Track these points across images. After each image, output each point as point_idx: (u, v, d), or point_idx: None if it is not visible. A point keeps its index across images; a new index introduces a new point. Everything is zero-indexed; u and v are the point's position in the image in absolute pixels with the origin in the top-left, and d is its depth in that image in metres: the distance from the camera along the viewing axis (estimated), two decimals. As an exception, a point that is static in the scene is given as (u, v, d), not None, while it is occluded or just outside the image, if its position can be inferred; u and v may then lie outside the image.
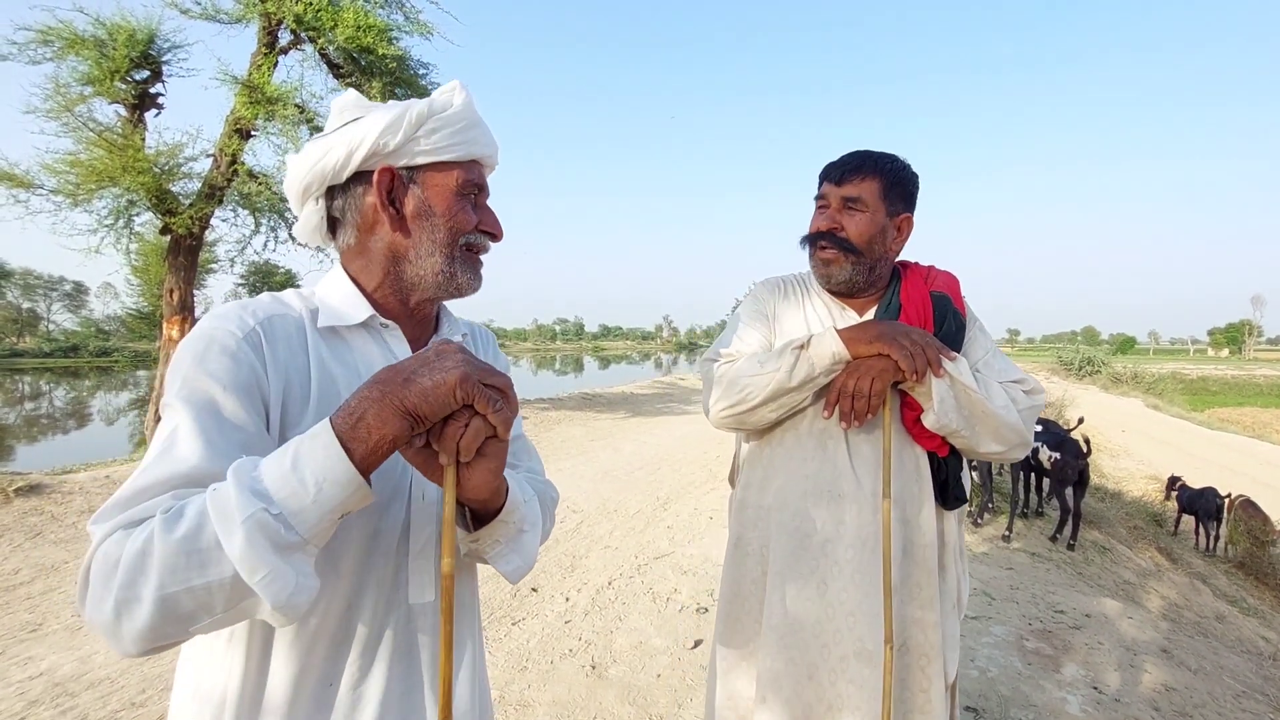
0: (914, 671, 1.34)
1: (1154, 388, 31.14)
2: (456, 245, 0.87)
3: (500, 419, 0.67)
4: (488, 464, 0.70)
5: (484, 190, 0.93)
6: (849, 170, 1.39)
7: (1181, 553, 7.52)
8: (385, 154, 0.85)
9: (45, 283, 55.59)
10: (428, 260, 0.86)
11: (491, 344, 1.07)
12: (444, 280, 0.88)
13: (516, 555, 0.85)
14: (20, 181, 8.42)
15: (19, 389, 27.53)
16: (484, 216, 0.91)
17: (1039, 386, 1.39)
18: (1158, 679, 3.11)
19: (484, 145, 0.91)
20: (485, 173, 0.94)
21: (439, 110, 0.86)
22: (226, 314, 0.78)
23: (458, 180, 0.88)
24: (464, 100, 0.88)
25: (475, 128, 0.89)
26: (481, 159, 0.91)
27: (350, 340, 0.85)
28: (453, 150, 0.86)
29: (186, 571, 0.59)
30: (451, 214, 0.87)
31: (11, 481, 5.19)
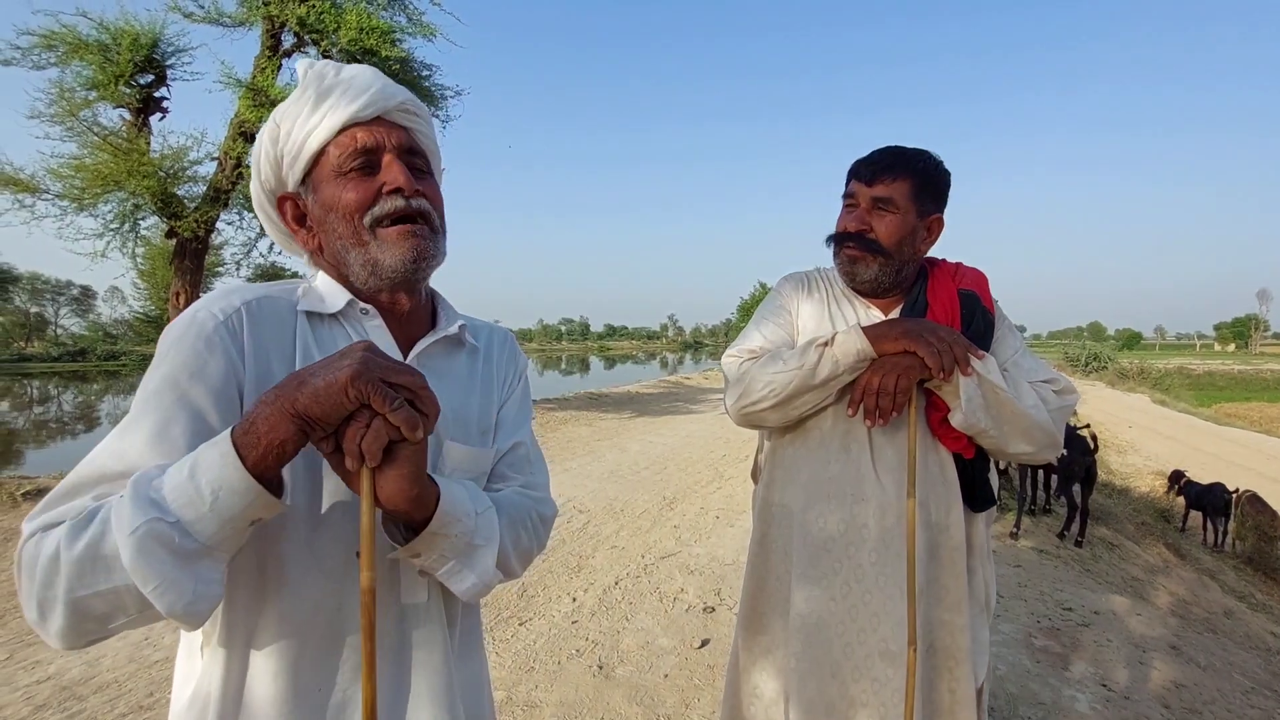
0: (941, 674, 1.33)
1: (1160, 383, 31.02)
2: (361, 229, 0.79)
3: (402, 418, 0.62)
4: (399, 470, 0.65)
5: (376, 149, 0.80)
6: (880, 169, 1.34)
7: (1190, 548, 7.49)
8: (275, 187, 0.84)
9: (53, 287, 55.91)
10: (347, 257, 0.81)
11: (508, 346, 1.01)
12: (373, 270, 0.81)
13: (469, 573, 0.78)
14: (26, 186, 8.46)
15: (27, 393, 27.68)
16: (383, 177, 0.80)
17: (1070, 386, 1.36)
18: (1167, 676, 3.09)
19: (345, 106, 0.79)
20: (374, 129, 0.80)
21: (280, 118, 0.82)
22: (218, 295, 0.77)
23: (333, 162, 0.80)
24: (305, 81, 0.81)
25: (326, 97, 0.80)
26: (353, 119, 0.79)
27: (334, 327, 0.82)
28: (314, 139, 0.79)
29: (92, 578, 0.59)
30: (335, 202, 0.79)
31: (19, 485, 5.23)
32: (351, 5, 8.74)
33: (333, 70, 0.82)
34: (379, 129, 0.80)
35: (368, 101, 0.80)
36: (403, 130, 0.83)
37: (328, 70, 0.82)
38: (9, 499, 5.01)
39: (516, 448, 0.96)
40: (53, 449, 13.30)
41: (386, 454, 0.64)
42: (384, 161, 0.80)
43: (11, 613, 3.37)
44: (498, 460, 0.94)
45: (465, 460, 0.87)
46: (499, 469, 0.94)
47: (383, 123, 0.81)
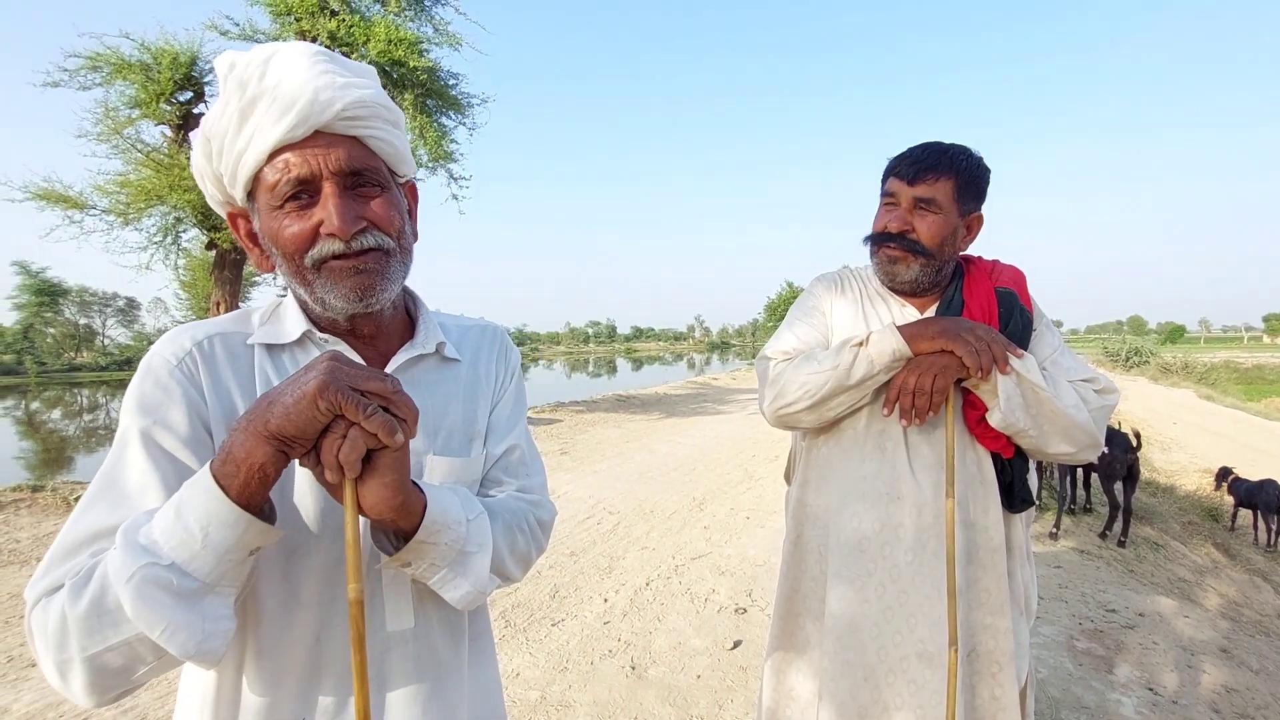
0: (984, 678, 1.30)
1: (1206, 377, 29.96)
2: (304, 269, 0.72)
3: (378, 424, 0.59)
4: (381, 478, 0.63)
5: (313, 178, 0.70)
6: (923, 169, 1.31)
7: (1240, 548, 7.22)
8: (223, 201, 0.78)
9: (100, 299, 57.90)
10: (299, 291, 0.76)
11: (496, 349, 0.96)
12: (323, 306, 0.76)
13: (462, 580, 0.76)
14: (75, 203, 8.82)
15: (78, 402, 28.75)
16: (321, 214, 0.70)
17: (1111, 386, 1.33)
18: (1217, 680, 2.99)
19: (272, 125, 0.68)
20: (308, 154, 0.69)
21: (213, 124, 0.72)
22: (169, 338, 0.75)
23: (267, 193, 0.71)
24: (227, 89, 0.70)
25: (251, 110, 0.68)
26: (281, 141, 0.68)
27: (299, 357, 0.79)
28: (246, 162, 0.70)
29: (101, 633, 0.59)
30: (275, 238, 0.72)
31: (72, 491, 5.44)
32: (380, 18, 8.93)
33: (256, 74, 0.69)
34: (314, 151, 0.69)
35: (298, 119, 0.68)
36: (347, 143, 0.72)
37: (250, 74, 0.69)
38: (62, 504, 5.22)
39: (510, 451, 0.93)
40: (102, 455, 13.77)
41: (367, 463, 0.62)
42: (323, 193, 0.70)
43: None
44: (492, 465, 0.91)
45: (451, 473, 0.84)
46: (493, 474, 0.91)
47: (320, 138, 0.70)
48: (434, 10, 9.74)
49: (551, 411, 12.86)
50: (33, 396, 31.11)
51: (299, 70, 0.69)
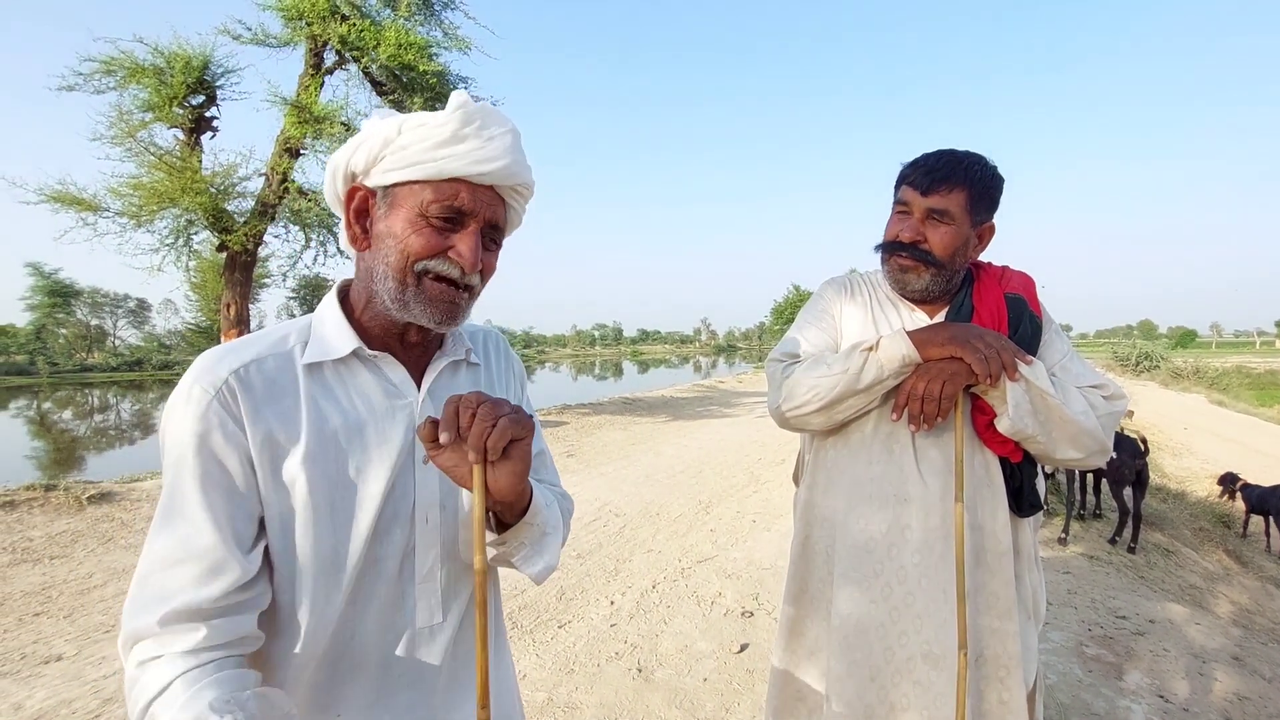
0: (992, 683, 1.30)
1: (1218, 383, 29.67)
2: (409, 270, 0.79)
3: (518, 419, 0.70)
4: (513, 466, 0.72)
5: (468, 214, 0.80)
6: (937, 179, 1.30)
7: (1252, 555, 7.15)
8: (359, 173, 0.83)
9: (111, 300, 58.36)
10: (384, 284, 0.81)
11: (501, 349, 1.03)
12: (399, 308, 0.81)
13: (541, 557, 0.85)
14: (89, 205, 8.92)
15: (89, 402, 29.00)
16: (457, 243, 0.80)
17: (1120, 392, 1.33)
18: (1229, 688, 2.97)
19: (465, 162, 0.79)
20: (478, 193, 0.81)
21: (416, 126, 0.79)
22: (203, 369, 0.76)
23: (424, 201, 0.78)
24: (450, 114, 0.79)
25: (455, 143, 0.79)
26: (466, 177, 0.79)
27: (343, 373, 0.82)
28: (418, 169, 0.78)
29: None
30: (404, 237, 0.79)
31: (84, 490, 5.49)
32: (390, 22, 8.99)
33: (479, 119, 0.80)
34: (483, 196, 0.81)
35: (491, 171, 0.80)
36: (502, 205, 0.84)
37: (476, 116, 0.80)
38: (75, 503, 5.27)
39: (537, 455, 1.00)
40: (113, 455, 13.90)
41: (503, 451, 0.70)
42: (467, 228, 0.81)
43: (79, 610, 3.54)
44: None
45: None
46: None
47: (489, 192, 0.82)
48: (444, 15, 9.81)
49: (558, 414, 12.88)
50: (45, 396, 31.42)
51: (509, 139, 0.82)
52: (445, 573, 0.86)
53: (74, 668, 2.94)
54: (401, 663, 0.82)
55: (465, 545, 0.87)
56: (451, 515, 0.86)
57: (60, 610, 3.55)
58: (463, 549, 0.87)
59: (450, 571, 0.86)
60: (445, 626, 0.85)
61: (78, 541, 4.65)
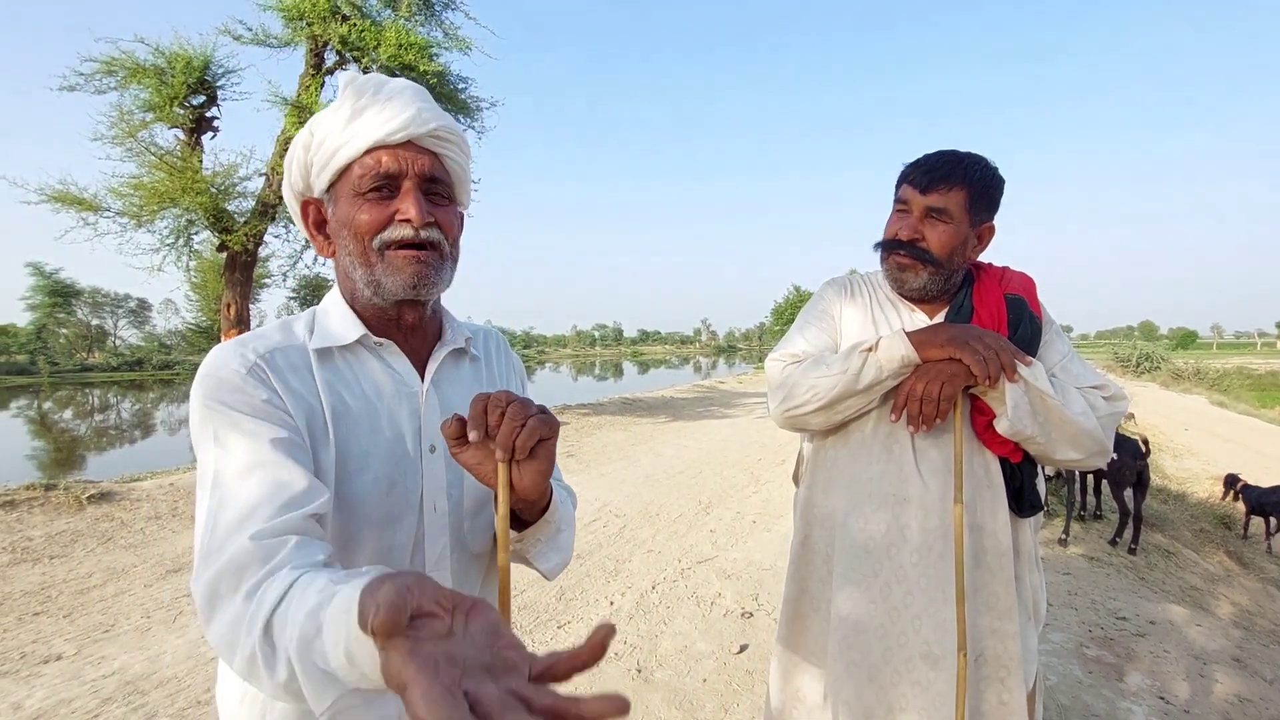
0: (992, 683, 1.30)
1: (1218, 384, 29.63)
2: (370, 250, 0.81)
3: (546, 420, 0.71)
4: (539, 465, 0.72)
5: (399, 174, 0.80)
6: (936, 178, 1.31)
7: (1253, 556, 7.15)
8: (304, 190, 0.86)
9: (112, 300, 58.44)
10: (356, 273, 0.83)
11: (502, 347, 1.05)
12: (375, 289, 0.82)
13: (555, 553, 0.87)
14: (89, 205, 8.92)
15: (89, 402, 29.00)
16: (398, 205, 0.80)
17: (1120, 393, 1.33)
18: (1230, 689, 2.96)
19: (376, 127, 0.79)
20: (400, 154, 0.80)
21: (322, 121, 0.82)
22: (224, 354, 0.77)
23: (355, 179, 0.80)
24: (343, 93, 0.81)
25: (357, 118, 0.80)
26: (381, 141, 0.79)
27: (350, 360, 0.83)
28: (342, 154, 0.80)
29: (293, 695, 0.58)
30: (349, 220, 0.81)
31: (84, 490, 5.48)
32: (390, 22, 9.00)
33: (372, 87, 0.82)
34: (405, 154, 0.81)
35: (399, 126, 0.80)
36: (429, 156, 0.83)
37: (367, 86, 0.82)
38: (74, 502, 5.26)
39: None
40: (113, 454, 13.90)
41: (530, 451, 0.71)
42: (403, 188, 0.81)
43: (79, 610, 3.54)
44: None
45: None
46: None
47: (411, 147, 0.81)
48: (444, 15, 9.81)
49: (558, 414, 12.86)
50: (45, 396, 31.43)
51: (407, 93, 0.82)
52: (455, 561, 0.86)
53: (73, 667, 2.94)
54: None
55: (472, 534, 0.88)
56: (458, 504, 0.86)
57: (60, 610, 3.55)
58: (469, 538, 0.88)
59: (460, 560, 0.87)
60: None
61: (77, 541, 4.64)
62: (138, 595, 3.77)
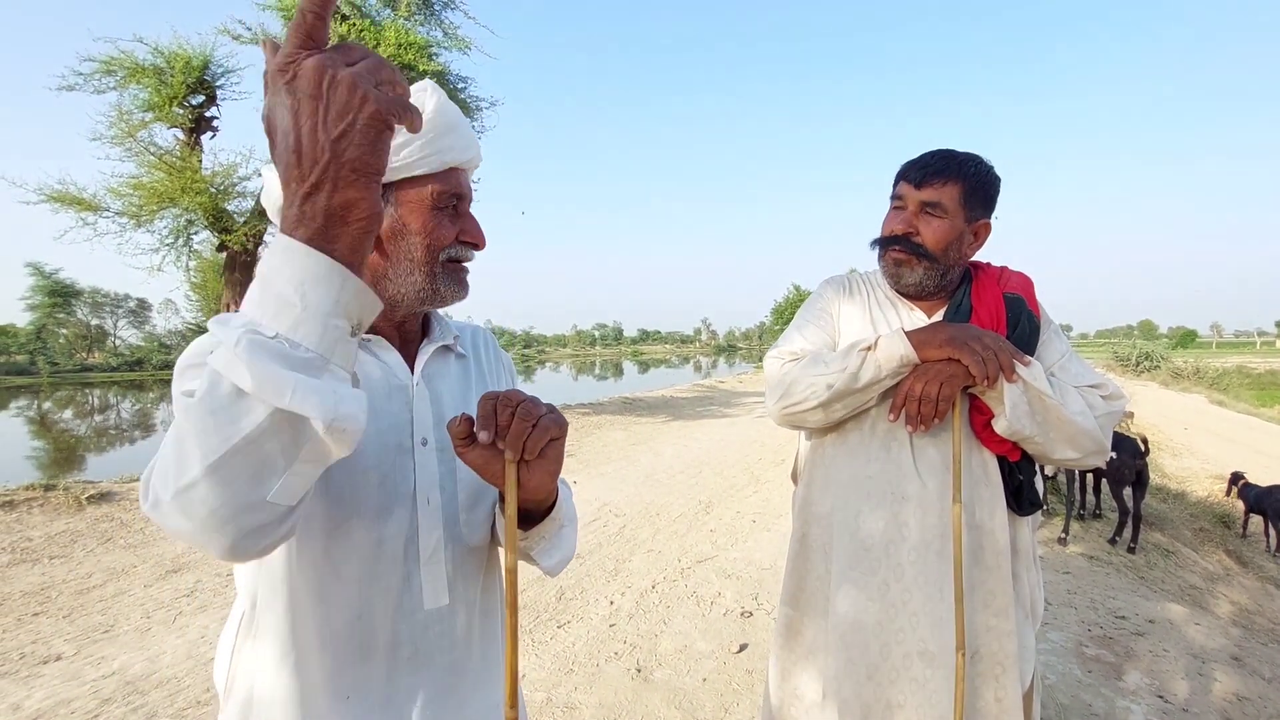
0: (987, 680, 1.30)
1: (1218, 383, 29.65)
2: (437, 261, 0.83)
3: (555, 420, 0.71)
4: (548, 466, 0.72)
5: (464, 198, 0.87)
6: (930, 173, 1.33)
7: (1252, 555, 7.16)
8: None
9: (111, 300, 58.38)
10: (407, 279, 0.83)
11: (491, 344, 1.05)
12: (426, 297, 0.85)
13: (558, 550, 0.88)
14: (89, 205, 8.92)
15: (89, 402, 29.00)
16: (465, 226, 0.86)
17: (1119, 392, 1.33)
18: (1229, 688, 2.97)
19: (460, 151, 0.84)
20: (465, 177, 0.88)
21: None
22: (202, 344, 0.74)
23: (433, 193, 0.82)
24: (435, 106, 0.82)
25: (450, 134, 0.83)
26: (459, 165, 0.85)
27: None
28: (425, 163, 0.81)
29: (219, 432, 0.50)
30: (428, 231, 0.82)
31: (84, 490, 5.48)
32: (390, 22, 9.00)
33: (454, 111, 0.85)
34: (466, 179, 0.88)
35: (476, 155, 0.88)
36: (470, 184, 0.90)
37: (450, 108, 0.85)
38: (74, 502, 5.26)
39: None
40: (113, 454, 13.90)
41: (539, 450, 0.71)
42: (462, 210, 0.87)
43: (78, 610, 3.54)
44: None
45: None
46: None
47: (465, 173, 0.88)
48: (443, 15, 9.82)
49: (558, 414, 12.86)
50: (45, 396, 31.43)
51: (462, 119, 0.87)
52: (449, 555, 0.86)
53: (73, 667, 2.94)
54: (410, 645, 0.83)
55: (468, 527, 0.88)
56: (451, 497, 0.86)
57: (59, 610, 3.55)
58: (465, 531, 0.88)
59: (455, 554, 0.87)
60: (453, 610, 0.86)
61: (77, 541, 4.65)
62: (137, 595, 3.78)
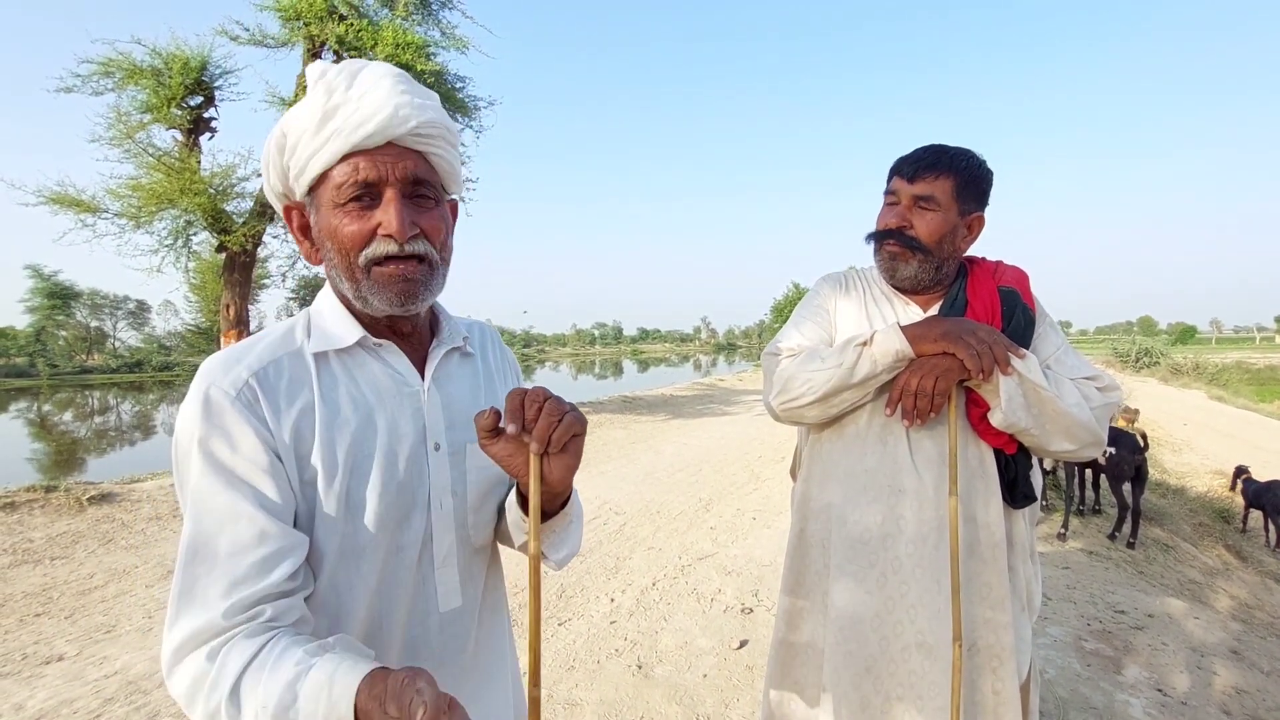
0: (984, 673, 1.31)
1: (1217, 378, 29.68)
2: (355, 266, 0.77)
3: (577, 417, 0.73)
4: (568, 460, 0.75)
5: (379, 183, 0.75)
6: (922, 167, 1.34)
7: (1251, 550, 7.17)
8: (284, 192, 0.81)
9: (111, 302, 58.21)
10: (343, 286, 0.80)
11: (497, 341, 1.04)
12: (363, 305, 0.80)
13: (565, 544, 0.88)
14: (88, 207, 8.92)
15: (89, 404, 28.99)
16: (380, 218, 0.76)
17: (1114, 384, 1.34)
18: (1227, 681, 2.98)
19: (350, 131, 0.73)
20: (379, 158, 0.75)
21: (294, 121, 0.76)
22: (221, 368, 0.75)
23: (332, 190, 0.75)
24: (313, 90, 0.76)
25: (329, 119, 0.74)
26: (355, 147, 0.74)
27: (349, 363, 0.82)
28: (318, 160, 0.75)
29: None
30: (332, 234, 0.77)
31: (85, 491, 5.49)
32: (387, 22, 8.99)
33: (343, 83, 0.75)
34: (384, 158, 0.75)
35: (375, 129, 0.73)
36: (414, 156, 0.77)
37: (338, 83, 0.75)
38: (75, 504, 5.27)
39: None
40: (114, 456, 13.91)
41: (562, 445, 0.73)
42: (385, 197, 0.76)
43: (80, 611, 3.55)
44: None
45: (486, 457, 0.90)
46: None
47: (392, 149, 0.76)
48: (441, 14, 9.81)
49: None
50: (45, 398, 31.41)
51: (383, 87, 0.75)
52: (461, 557, 0.87)
53: (75, 668, 2.95)
54: (428, 647, 0.83)
55: (475, 529, 0.89)
56: (462, 500, 0.87)
57: (61, 611, 3.56)
58: (472, 533, 0.89)
59: (464, 554, 0.88)
60: (466, 610, 0.87)
61: (78, 542, 4.65)
62: (139, 596, 3.78)
